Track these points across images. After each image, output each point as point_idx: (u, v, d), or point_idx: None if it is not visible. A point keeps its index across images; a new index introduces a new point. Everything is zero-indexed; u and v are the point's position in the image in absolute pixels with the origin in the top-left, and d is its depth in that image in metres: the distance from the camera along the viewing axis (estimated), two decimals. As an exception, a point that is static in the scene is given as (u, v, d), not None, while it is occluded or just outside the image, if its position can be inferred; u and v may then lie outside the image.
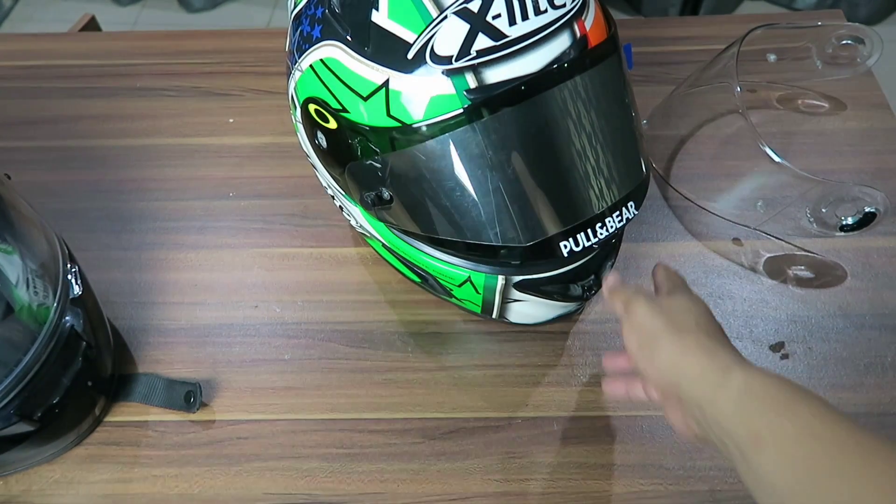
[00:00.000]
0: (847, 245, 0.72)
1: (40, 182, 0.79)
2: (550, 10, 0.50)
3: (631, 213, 0.56)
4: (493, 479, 0.59)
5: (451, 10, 0.49)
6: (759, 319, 0.68)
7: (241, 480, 0.60)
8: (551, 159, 0.53)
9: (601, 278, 0.61)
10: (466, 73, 0.49)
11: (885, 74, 0.88)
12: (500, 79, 0.49)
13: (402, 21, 0.50)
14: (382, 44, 0.50)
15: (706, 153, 0.80)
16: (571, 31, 0.51)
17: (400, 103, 0.50)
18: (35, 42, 0.98)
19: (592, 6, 0.54)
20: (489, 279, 0.58)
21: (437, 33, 0.49)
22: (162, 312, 0.70)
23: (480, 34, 0.49)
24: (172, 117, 0.86)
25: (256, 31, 0.98)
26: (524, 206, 0.53)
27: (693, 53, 0.88)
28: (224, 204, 0.78)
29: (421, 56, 0.49)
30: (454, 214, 0.54)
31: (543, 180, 0.53)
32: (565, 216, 0.54)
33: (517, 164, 0.52)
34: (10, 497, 0.60)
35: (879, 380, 0.64)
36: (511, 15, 0.49)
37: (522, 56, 0.49)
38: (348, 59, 0.52)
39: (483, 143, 0.51)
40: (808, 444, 0.37)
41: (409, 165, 0.53)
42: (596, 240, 0.54)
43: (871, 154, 0.79)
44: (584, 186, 0.54)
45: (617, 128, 0.55)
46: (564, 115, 0.52)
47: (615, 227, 0.55)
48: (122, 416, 0.64)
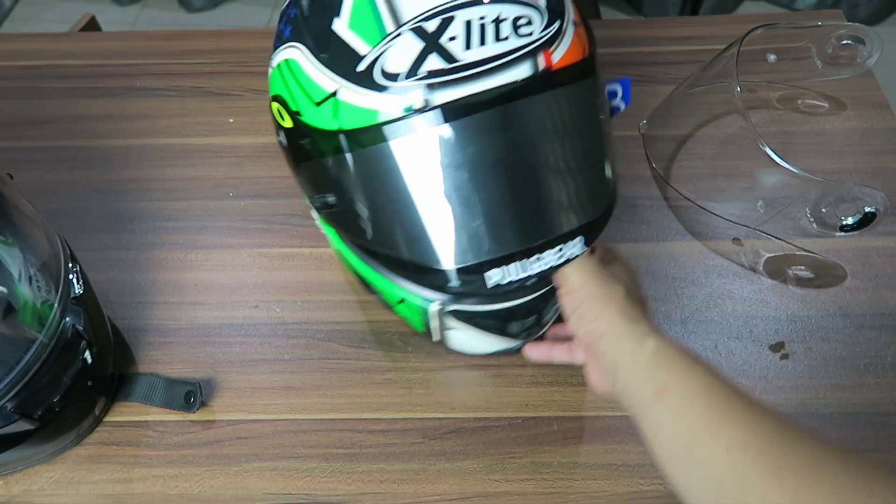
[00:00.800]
0: (847, 245, 0.72)
1: (40, 182, 0.79)
2: (513, 38, 0.48)
3: (576, 251, 0.52)
4: (493, 479, 0.59)
5: (407, 27, 0.48)
6: (759, 319, 0.68)
7: (241, 480, 0.60)
8: (483, 181, 0.50)
9: (544, 320, 0.59)
10: (413, 92, 0.48)
11: (885, 74, 0.88)
12: (447, 101, 0.48)
13: (360, 32, 0.49)
14: (338, 53, 0.50)
15: (706, 153, 0.80)
16: (534, 61, 0.49)
17: (347, 114, 0.49)
18: (35, 42, 0.98)
19: (569, 34, 0.52)
20: (424, 301, 0.56)
21: (389, 49, 0.48)
22: (162, 312, 0.70)
23: (433, 55, 0.47)
24: (172, 117, 0.86)
25: (256, 31, 0.98)
26: (449, 227, 0.51)
27: (693, 53, 0.88)
28: (224, 204, 0.78)
29: (370, 70, 0.48)
30: (385, 227, 0.53)
31: (473, 202, 0.50)
32: (491, 243, 0.51)
33: (447, 183, 0.50)
34: (10, 497, 0.60)
35: (879, 380, 0.64)
36: (468, 39, 0.47)
37: (473, 82, 0.47)
38: (307, 63, 0.51)
39: (416, 157, 0.49)
40: (704, 395, 0.43)
41: (348, 172, 0.52)
42: (526, 275, 0.51)
43: (871, 154, 0.79)
44: (517, 214, 0.51)
45: (570, 158, 0.52)
46: (505, 138, 0.50)
47: (552, 265, 0.51)
48: (122, 416, 0.64)
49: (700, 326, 0.67)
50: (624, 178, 0.71)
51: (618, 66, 0.88)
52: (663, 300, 0.69)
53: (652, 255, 0.72)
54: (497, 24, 0.48)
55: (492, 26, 0.48)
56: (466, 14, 0.48)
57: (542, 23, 0.50)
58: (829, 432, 0.61)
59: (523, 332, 0.59)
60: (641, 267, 0.71)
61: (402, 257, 0.53)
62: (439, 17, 0.47)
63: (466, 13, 0.48)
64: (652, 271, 0.71)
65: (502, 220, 0.51)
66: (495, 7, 0.48)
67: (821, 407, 0.62)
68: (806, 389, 0.63)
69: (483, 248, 0.51)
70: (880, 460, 0.59)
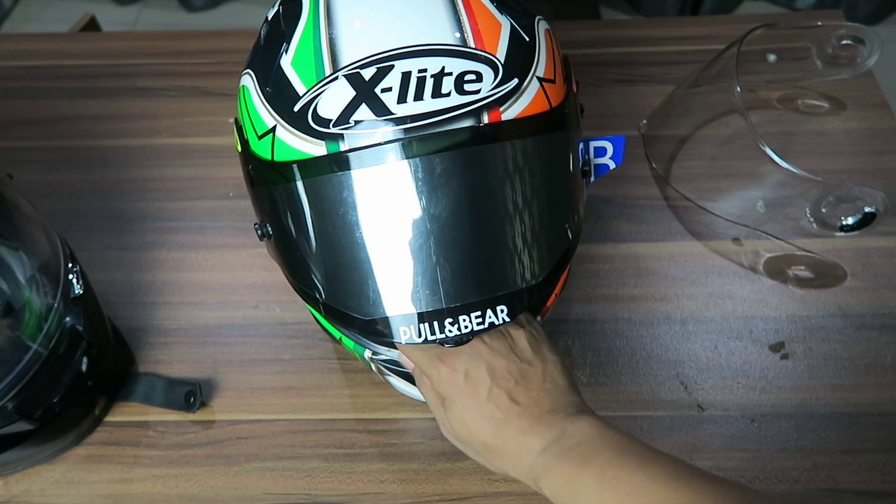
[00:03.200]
0: (847, 245, 0.72)
1: (40, 182, 0.79)
2: (454, 95, 0.45)
3: (499, 319, 0.47)
4: (493, 479, 0.59)
5: (343, 72, 0.46)
6: (759, 319, 0.68)
7: (241, 480, 0.60)
8: (395, 232, 0.47)
9: None
10: (340, 140, 0.46)
11: (885, 74, 0.88)
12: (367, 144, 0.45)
13: (300, 71, 0.47)
14: (279, 89, 0.48)
15: (706, 153, 0.80)
16: (477, 119, 0.45)
17: (280, 152, 0.48)
18: (35, 42, 0.98)
19: (531, 92, 0.47)
20: (357, 346, 0.54)
21: (323, 93, 0.46)
22: (162, 312, 0.70)
23: (364, 104, 0.45)
24: (172, 117, 0.86)
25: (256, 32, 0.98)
26: (357, 276, 0.49)
27: (693, 53, 0.88)
28: (224, 204, 0.78)
29: (304, 113, 0.46)
30: (303, 265, 0.51)
31: (381, 254, 0.48)
32: (402, 299, 0.48)
33: (355, 230, 0.47)
34: (10, 497, 0.60)
35: (879, 380, 0.64)
36: (403, 91, 0.45)
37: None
38: (254, 94, 0.50)
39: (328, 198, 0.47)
40: None
41: (276, 205, 0.50)
42: (442, 336, 0.47)
43: (871, 154, 0.79)
44: (426, 273, 0.47)
45: (501, 219, 0.48)
46: (423, 189, 0.46)
47: (471, 329, 0.47)
48: (122, 416, 0.64)
49: (700, 326, 0.67)
50: (624, 178, 0.71)
51: (618, 66, 0.88)
52: (663, 300, 0.69)
53: (652, 255, 0.72)
54: (439, 79, 0.45)
55: (431, 80, 0.45)
56: (406, 65, 0.45)
57: (495, 80, 0.46)
58: (829, 432, 0.61)
59: None
60: (641, 267, 0.71)
61: (317, 297, 0.51)
62: (376, 66, 0.45)
63: (406, 64, 0.45)
64: (652, 271, 0.71)
65: (409, 277, 0.48)
66: (440, 60, 0.45)
67: (821, 407, 0.62)
68: (806, 389, 0.63)
69: (387, 304, 0.48)
70: (880, 460, 0.59)
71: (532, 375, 0.47)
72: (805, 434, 0.61)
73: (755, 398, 0.63)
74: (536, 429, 0.44)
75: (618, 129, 0.80)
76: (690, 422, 0.62)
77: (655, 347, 0.66)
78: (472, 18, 0.48)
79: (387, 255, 0.48)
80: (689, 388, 0.63)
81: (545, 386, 0.47)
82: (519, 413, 0.45)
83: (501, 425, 0.45)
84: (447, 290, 0.47)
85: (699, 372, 0.64)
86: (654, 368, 0.65)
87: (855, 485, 0.58)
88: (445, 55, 0.46)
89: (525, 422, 0.45)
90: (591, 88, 0.86)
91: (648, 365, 0.65)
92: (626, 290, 0.70)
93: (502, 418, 0.45)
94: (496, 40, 0.47)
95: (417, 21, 0.47)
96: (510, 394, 0.46)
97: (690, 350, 0.66)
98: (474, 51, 0.46)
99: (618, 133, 0.57)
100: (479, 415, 0.46)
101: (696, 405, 0.63)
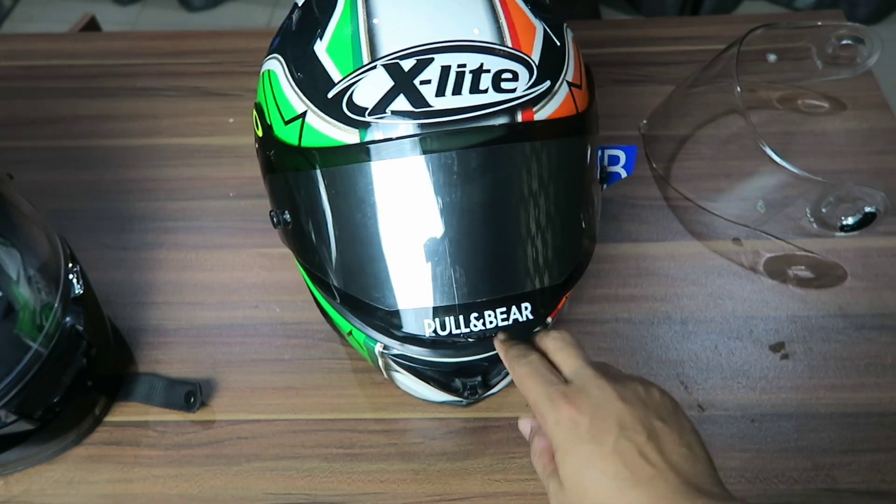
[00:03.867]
0: (847, 245, 0.72)
1: (40, 182, 0.79)
2: (492, 92, 0.45)
3: (522, 317, 0.48)
4: (493, 479, 0.59)
5: (382, 62, 0.46)
6: (759, 319, 0.68)
7: (241, 480, 0.60)
8: (425, 224, 0.47)
9: (490, 382, 0.54)
10: (375, 129, 0.46)
11: (885, 74, 0.88)
12: (405, 135, 0.45)
13: (336, 58, 0.47)
14: (312, 75, 0.48)
15: (706, 153, 0.80)
16: (511, 117, 0.46)
17: (309, 138, 0.48)
18: (35, 42, 0.98)
19: (561, 95, 0.48)
20: (368, 340, 0.53)
21: (360, 81, 0.46)
22: (162, 312, 0.70)
23: (401, 95, 0.45)
24: (172, 117, 0.86)
25: (256, 31, 0.98)
26: (384, 266, 0.48)
27: (693, 53, 0.88)
28: (224, 204, 0.78)
29: (339, 100, 0.46)
30: (327, 254, 0.51)
31: (411, 245, 0.48)
32: (429, 291, 0.48)
33: (387, 219, 0.48)
34: (10, 497, 0.60)
35: (879, 380, 0.64)
36: (442, 85, 0.45)
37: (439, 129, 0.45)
38: (283, 79, 0.50)
39: (361, 187, 0.47)
40: None
41: (300, 191, 0.50)
42: (467, 330, 0.47)
43: (871, 154, 0.79)
44: (456, 266, 0.47)
45: (530, 217, 0.48)
46: (457, 183, 0.46)
47: (496, 325, 0.47)
48: (122, 416, 0.64)
49: (700, 326, 0.67)
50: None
51: (618, 66, 0.88)
52: (663, 300, 0.69)
53: (652, 255, 0.72)
54: (477, 75, 0.45)
55: (470, 76, 0.45)
56: (446, 59, 0.45)
57: (530, 80, 0.47)
58: (829, 432, 0.61)
59: (467, 390, 0.54)
60: (641, 267, 0.71)
61: (340, 288, 0.51)
62: (416, 58, 0.45)
63: (446, 58, 0.45)
64: (652, 271, 0.71)
65: (438, 270, 0.48)
66: (479, 56, 0.46)
67: (821, 407, 0.62)
68: (806, 389, 0.63)
69: (417, 295, 0.48)
70: (880, 460, 0.59)
71: (668, 437, 0.39)
72: (805, 434, 0.61)
73: (755, 398, 0.63)
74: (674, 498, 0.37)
75: (618, 128, 0.80)
76: (690, 422, 0.62)
77: (655, 347, 0.66)
78: (509, 18, 0.48)
79: (418, 247, 0.48)
80: (690, 388, 0.64)
81: (682, 452, 0.39)
82: (651, 475, 0.37)
83: (626, 485, 0.37)
84: (474, 285, 0.48)
85: (699, 372, 0.64)
86: (654, 368, 0.65)
87: (855, 485, 0.58)
88: (484, 52, 0.46)
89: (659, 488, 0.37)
90: (591, 88, 0.85)
91: (648, 365, 0.65)
92: (626, 290, 0.70)
93: (629, 477, 0.37)
94: (531, 42, 0.48)
95: (458, 17, 0.47)
96: (641, 451, 0.38)
97: (690, 350, 0.66)
98: (512, 50, 0.47)
99: (618, 132, 0.57)
100: (600, 470, 0.38)
101: (697, 405, 0.63)
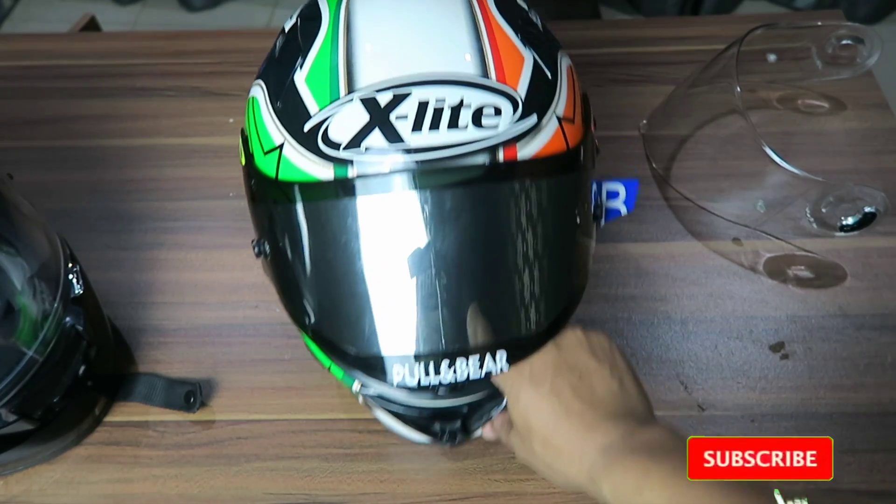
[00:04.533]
0: (847, 245, 0.72)
1: (40, 182, 0.79)
2: (471, 128, 0.43)
3: (497, 368, 0.46)
4: (493, 479, 0.59)
5: (358, 95, 0.44)
6: (759, 319, 0.68)
7: (241, 480, 0.60)
8: (395, 267, 0.45)
9: (471, 428, 0.52)
10: (350, 165, 0.44)
11: (885, 74, 0.88)
12: (374, 172, 0.44)
13: (314, 89, 0.46)
14: (290, 105, 0.47)
15: (706, 153, 0.80)
16: (492, 156, 0.43)
17: (286, 170, 0.47)
18: (35, 42, 0.98)
19: (549, 130, 0.46)
20: (346, 377, 0.52)
21: (336, 114, 0.44)
22: (162, 312, 0.70)
23: (377, 130, 0.43)
24: (172, 117, 0.86)
25: (256, 31, 0.98)
26: (357, 307, 0.47)
27: (693, 53, 0.88)
28: (224, 204, 0.78)
29: (314, 133, 0.45)
30: (299, 291, 0.49)
31: (380, 289, 0.46)
32: (399, 338, 0.46)
33: (364, 261, 0.46)
34: (10, 497, 0.60)
35: (879, 380, 0.64)
36: (419, 120, 0.43)
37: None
38: (264, 107, 0.49)
39: (338, 226, 0.46)
40: None
41: (275, 224, 0.49)
42: (437, 379, 0.46)
43: (871, 154, 0.79)
44: (429, 312, 0.45)
45: (508, 263, 0.46)
46: (431, 225, 0.44)
47: (468, 375, 0.46)
48: (122, 416, 0.64)
49: (700, 326, 0.67)
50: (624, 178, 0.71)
51: (618, 66, 0.88)
52: (663, 300, 0.69)
53: (652, 255, 0.72)
54: (457, 110, 0.43)
55: (449, 112, 0.43)
56: (425, 93, 0.43)
57: (514, 115, 0.44)
58: (829, 432, 0.61)
59: (446, 435, 0.52)
60: (641, 267, 0.71)
61: (314, 327, 0.50)
62: (393, 91, 0.43)
63: (425, 92, 0.43)
64: (652, 271, 0.71)
65: (408, 316, 0.46)
66: (459, 90, 0.43)
67: (821, 407, 0.62)
68: (806, 389, 0.63)
69: (383, 341, 0.47)
70: (880, 460, 0.59)
71: (599, 375, 0.45)
72: (805, 434, 0.60)
73: (755, 398, 0.63)
74: (601, 425, 0.42)
75: (618, 128, 0.80)
76: (690, 422, 0.62)
77: (655, 347, 0.66)
78: (495, 50, 0.46)
79: (387, 290, 0.46)
80: (689, 388, 0.63)
81: (612, 387, 0.44)
82: (580, 410, 0.43)
83: (561, 419, 0.43)
84: (447, 333, 0.46)
85: (699, 372, 0.64)
86: (654, 368, 0.65)
87: (855, 485, 0.58)
88: (465, 86, 0.44)
89: (587, 418, 0.43)
90: (592, 88, 0.85)
91: (648, 365, 0.65)
92: (626, 290, 0.70)
93: (562, 412, 0.43)
94: (518, 74, 0.46)
95: (439, 49, 0.46)
96: (573, 388, 0.44)
97: (690, 350, 0.66)
98: (495, 84, 0.45)
99: (618, 132, 0.57)
100: (539, 408, 0.44)
101: (697, 405, 0.63)
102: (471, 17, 0.47)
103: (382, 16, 0.48)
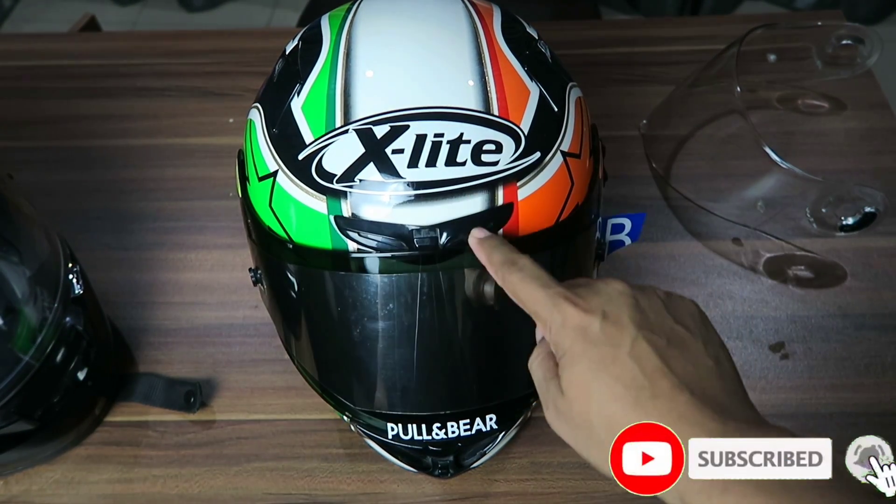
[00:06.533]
0: (847, 245, 0.72)
1: (40, 182, 0.79)
2: (470, 165, 0.42)
3: (486, 427, 0.47)
4: (493, 479, 0.59)
5: (354, 126, 0.43)
6: (759, 319, 0.68)
7: (241, 480, 0.60)
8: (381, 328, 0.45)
9: (463, 463, 0.53)
10: (343, 199, 0.43)
11: (885, 74, 0.88)
12: (377, 219, 0.42)
13: (310, 118, 0.44)
14: (286, 132, 0.45)
15: (706, 153, 0.80)
16: (490, 195, 0.42)
17: (279, 200, 0.46)
18: (35, 42, 0.98)
19: (552, 167, 0.44)
20: (337, 407, 0.53)
21: (331, 145, 0.43)
22: (162, 312, 0.70)
23: (372, 164, 0.42)
24: (172, 117, 0.86)
25: (256, 31, 0.98)
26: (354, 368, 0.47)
27: (693, 53, 0.88)
28: (224, 204, 0.78)
29: (308, 162, 0.43)
30: (295, 337, 0.51)
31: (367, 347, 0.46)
32: (389, 399, 0.47)
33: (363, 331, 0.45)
34: (10, 497, 0.60)
35: (879, 380, 0.64)
36: (416, 155, 0.41)
37: (410, 205, 0.42)
38: (260, 132, 0.48)
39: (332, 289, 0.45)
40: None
41: (274, 268, 0.49)
42: (429, 438, 0.47)
43: (871, 154, 0.79)
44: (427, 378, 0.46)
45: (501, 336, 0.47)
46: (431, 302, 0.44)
47: (458, 435, 0.47)
48: (122, 416, 0.64)
49: (700, 326, 0.67)
50: (624, 178, 0.71)
51: (618, 66, 0.88)
52: (663, 300, 0.69)
53: (652, 255, 0.72)
54: (455, 145, 0.42)
55: (447, 147, 0.41)
56: (423, 126, 0.42)
57: (516, 151, 0.43)
58: (829, 432, 0.60)
59: (438, 469, 0.53)
60: (641, 267, 0.71)
61: (306, 370, 0.51)
62: (390, 124, 0.42)
63: (423, 126, 0.42)
64: (652, 271, 0.71)
65: (402, 381, 0.46)
66: (459, 125, 0.42)
67: (821, 407, 0.62)
68: (806, 389, 0.63)
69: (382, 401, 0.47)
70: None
71: (692, 344, 0.34)
72: (805, 434, 0.61)
73: (755, 398, 0.61)
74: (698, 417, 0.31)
75: (618, 128, 0.80)
76: (690, 422, 0.62)
77: (655, 347, 0.66)
78: (499, 83, 0.44)
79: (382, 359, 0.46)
80: (689, 388, 0.63)
81: (708, 363, 0.34)
82: (672, 386, 0.32)
83: (645, 396, 0.32)
84: (439, 398, 0.47)
85: (699, 372, 0.64)
86: (654, 368, 0.65)
87: (855, 485, 0.58)
88: (465, 121, 0.42)
89: (680, 403, 0.31)
90: (592, 88, 0.85)
91: (648, 365, 0.65)
92: (626, 290, 0.70)
93: (647, 387, 0.32)
94: (522, 109, 0.44)
95: (440, 81, 0.44)
96: (662, 356, 0.33)
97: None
98: (497, 119, 0.43)
99: (618, 132, 0.57)
100: (613, 375, 0.32)
101: (696, 405, 0.63)
102: (475, 49, 0.45)
103: (384, 42, 0.46)
